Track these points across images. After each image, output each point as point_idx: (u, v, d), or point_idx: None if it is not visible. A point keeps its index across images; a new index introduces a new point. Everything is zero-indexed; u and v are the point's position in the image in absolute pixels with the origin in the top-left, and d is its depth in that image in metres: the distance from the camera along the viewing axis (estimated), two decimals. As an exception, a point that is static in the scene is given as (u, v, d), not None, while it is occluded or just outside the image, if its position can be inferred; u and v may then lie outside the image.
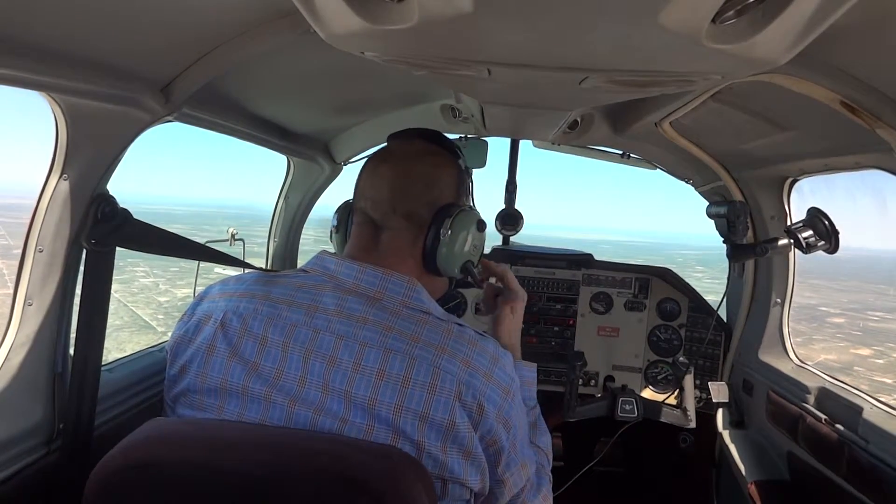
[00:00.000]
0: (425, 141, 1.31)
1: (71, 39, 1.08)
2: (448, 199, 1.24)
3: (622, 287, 2.89)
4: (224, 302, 1.18)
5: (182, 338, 1.19)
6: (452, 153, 1.32)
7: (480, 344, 1.11)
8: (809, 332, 30.64)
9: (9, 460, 1.24)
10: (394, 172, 1.23)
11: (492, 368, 1.09)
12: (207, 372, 1.12)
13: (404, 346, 1.06)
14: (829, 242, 2.00)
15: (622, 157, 2.73)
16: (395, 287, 1.14)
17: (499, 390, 1.08)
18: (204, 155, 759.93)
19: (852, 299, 45.69)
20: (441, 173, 1.26)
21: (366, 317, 1.09)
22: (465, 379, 1.05)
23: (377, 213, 1.22)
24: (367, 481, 0.89)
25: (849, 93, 1.32)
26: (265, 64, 1.56)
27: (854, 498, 1.70)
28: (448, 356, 1.06)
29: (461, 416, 1.03)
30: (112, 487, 0.92)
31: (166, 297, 26.82)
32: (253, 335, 1.11)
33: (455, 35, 0.83)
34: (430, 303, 1.17)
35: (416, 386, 1.03)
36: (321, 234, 1.67)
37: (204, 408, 1.11)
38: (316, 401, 1.05)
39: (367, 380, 1.03)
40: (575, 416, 2.38)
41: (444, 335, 1.09)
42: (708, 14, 0.68)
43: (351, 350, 1.06)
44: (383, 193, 1.22)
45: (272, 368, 1.08)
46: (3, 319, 1.29)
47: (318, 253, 1.24)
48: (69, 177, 1.27)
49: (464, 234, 1.22)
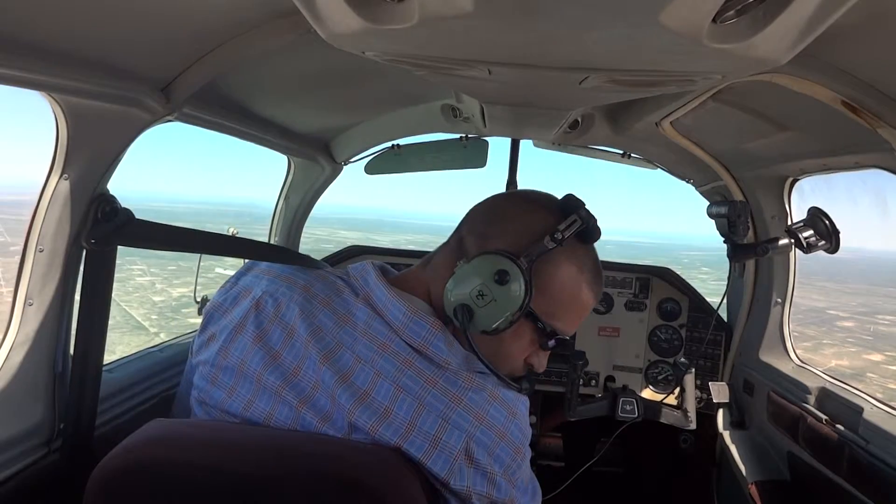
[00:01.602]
0: (547, 195, 1.20)
1: (71, 39, 1.08)
2: (506, 245, 1.08)
3: (623, 287, 2.89)
4: (266, 281, 1.17)
5: (219, 306, 1.18)
6: (562, 211, 1.12)
7: (501, 396, 1.05)
8: (819, 337, 30.16)
9: (9, 461, 1.24)
10: (489, 201, 1.20)
11: (507, 426, 1.03)
12: (230, 349, 1.11)
13: (418, 388, 1.02)
14: (830, 242, 2.00)
15: (623, 156, 2.73)
16: (416, 328, 1.07)
17: (510, 450, 1.03)
18: (204, 154, 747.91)
19: (861, 302, 45.35)
20: (522, 216, 1.12)
21: (387, 344, 1.06)
22: (477, 437, 1.00)
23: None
24: (368, 483, 0.89)
25: (850, 92, 1.32)
26: (266, 64, 1.56)
27: (855, 498, 1.70)
28: (462, 409, 1.00)
29: (461, 478, 0.99)
30: (112, 488, 0.92)
31: (161, 296, 26.56)
32: (283, 324, 1.10)
33: (455, 35, 0.83)
34: (450, 353, 1.08)
35: (420, 435, 0.99)
36: (323, 235, 1.67)
37: (217, 383, 1.10)
38: (325, 409, 1.04)
39: (373, 411, 1.01)
40: (576, 416, 2.38)
41: (463, 384, 1.03)
42: (708, 14, 0.68)
43: (365, 376, 1.03)
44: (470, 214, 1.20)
45: (291, 363, 1.07)
46: (3, 319, 1.29)
47: (366, 261, 1.20)
48: (70, 176, 1.27)
49: (473, 278, 1.06)
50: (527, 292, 1.04)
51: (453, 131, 2.65)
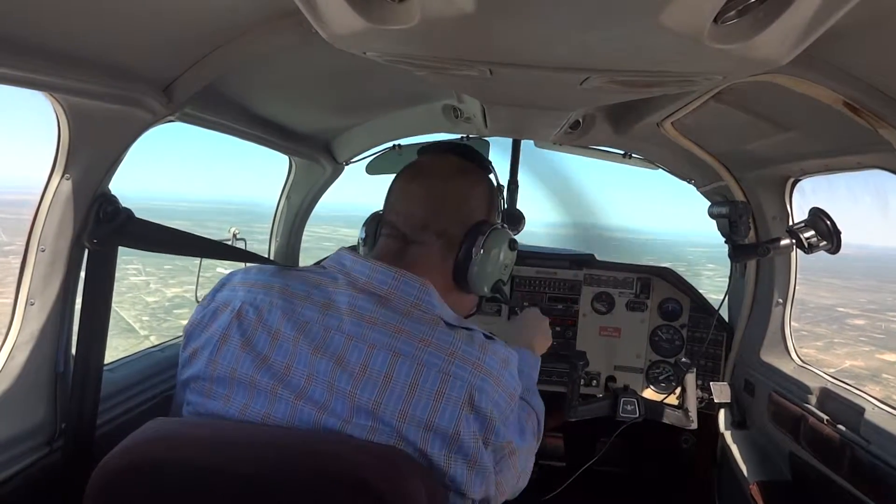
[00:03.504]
0: (457, 157, 1.31)
1: (73, 39, 1.08)
2: (480, 217, 1.25)
3: (624, 287, 2.89)
4: (243, 292, 1.18)
5: (198, 323, 1.19)
6: (485, 169, 1.33)
7: (491, 346, 1.11)
8: (830, 336, 29.65)
9: (10, 460, 1.25)
10: (427, 190, 1.24)
11: (501, 372, 1.09)
12: (218, 360, 1.12)
13: (413, 349, 1.05)
14: (831, 242, 2.00)
15: (624, 157, 2.73)
16: (407, 287, 1.13)
17: (505, 396, 1.08)
18: (205, 153, 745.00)
19: (870, 299, 44.87)
20: (474, 191, 1.27)
21: (374, 317, 1.09)
22: (478, 384, 1.04)
23: (408, 227, 1.23)
24: (368, 482, 0.89)
25: (851, 93, 1.32)
26: (267, 64, 1.56)
27: (856, 498, 1.70)
28: (459, 360, 1.05)
29: (467, 425, 1.02)
30: (113, 487, 0.92)
31: (155, 297, 26.07)
32: (267, 328, 1.12)
33: (457, 35, 0.83)
34: (442, 307, 1.15)
35: (423, 393, 1.02)
36: (325, 233, 1.68)
37: (212, 395, 1.11)
38: (321, 400, 1.05)
39: (373, 383, 1.03)
40: (577, 416, 2.38)
41: (456, 338, 1.08)
42: (709, 14, 0.68)
43: (359, 352, 1.05)
44: (416, 210, 1.23)
45: (282, 363, 1.08)
46: (4, 319, 1.30)
47: (338, 249, 1.24)
48: (71, 177, 1.27)
49: (496, 252, 1.24)
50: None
51: (454, 131, 2.65)
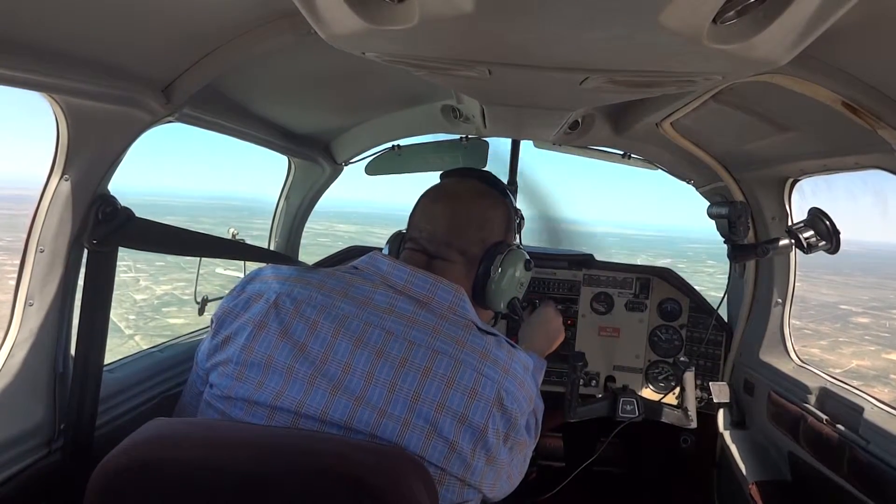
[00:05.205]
0: (479, 181, 1.41)
1: (72, 40, 1.08)
2: (498, 237, 1.35)
3: (623, 287, 2.89)
4: (277, 284, 1.22)
5: (230, 311, 1.22)
6: (503, 194, 1.43)
7: (515, 352, 1.20)
8: (834, 334, 29.16)
9: (10, 461, 1.25)
10: (450, 211, 1.34)
11: (525, 376, 1.18)
12: (254, 346, 1.14)
13: (451, 349, 1.12)
14: (830, 242, 2.00)
15: (623, 157, 2.73)
16: (444, 294, 1.22)
17: (526, 398, 1.17)
18: (205, 152, 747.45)
19: (872, 296, 44.49)
20: (493, 213, 1.37)
21: (415, 318, 1.15)
22: (506, 385, 1.12)
23: (432, 244, 1.32)
24: (368, 481, 0.89)
25: (850, 93, 1.32)
26: (266, 64, 1.56)
27: (855, 498, 1.70)
28: (490, 362, 1.13)
29: (493, 423, 1.10)
30: (113, 488, 0.92)
31: (144, 294, 25.48)
32: (305, 318, 1.15)
33: (456, 35, 0.83)
34: (473, 314, 1.24)
35: (459, 388, 1.09)
36: (321, 228, 1.68)
37: (243, 379, 1.13)
38: (357, 390, 1.08)
39: (414, 375, 1.09)
40: (576, 417, 2.38)
41: (487, 342, 1.16)
42: (708, 14, 0.68)
43: (400, 346, 1.11)
44: (439, 228, 1.32)
45: (319, 352, 1.12)
46: (3, 320, 1.30)
47: (371, 253, 1.31)
48: (70, 177, 1.27)
49: (511, 272, 1.34)
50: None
51: (453, 132, 2.65)
